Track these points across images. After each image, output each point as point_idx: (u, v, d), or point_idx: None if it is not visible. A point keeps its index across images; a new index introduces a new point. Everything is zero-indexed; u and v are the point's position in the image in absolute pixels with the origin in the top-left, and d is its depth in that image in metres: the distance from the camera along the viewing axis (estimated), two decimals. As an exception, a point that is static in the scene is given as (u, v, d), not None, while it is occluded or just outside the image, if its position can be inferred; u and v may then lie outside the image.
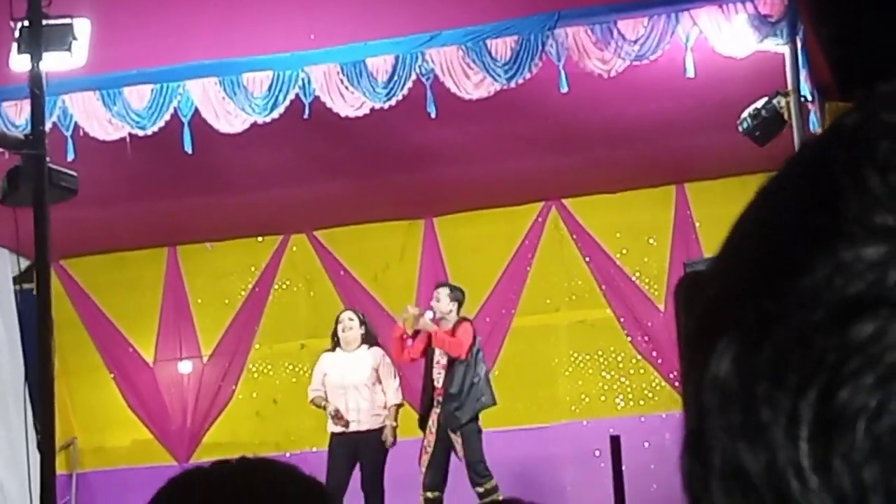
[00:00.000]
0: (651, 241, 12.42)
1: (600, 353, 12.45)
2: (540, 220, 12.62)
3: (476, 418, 10.30)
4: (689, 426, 0.59)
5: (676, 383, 12.02)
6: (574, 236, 12.54)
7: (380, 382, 10.49)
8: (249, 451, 11.48)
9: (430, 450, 10.34)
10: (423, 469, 10.36)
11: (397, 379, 10.57)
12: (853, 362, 0.53)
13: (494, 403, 10.38)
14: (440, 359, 10.41)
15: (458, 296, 10.66)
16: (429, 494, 10.31)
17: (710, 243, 11.85)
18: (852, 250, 0.54)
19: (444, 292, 10.64)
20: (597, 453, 11.62)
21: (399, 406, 10.54)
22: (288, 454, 11.89)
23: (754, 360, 0.56)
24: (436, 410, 10.36)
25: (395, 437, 10.46)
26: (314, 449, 11.41)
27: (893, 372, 0.52)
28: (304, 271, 12.96)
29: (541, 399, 11.84)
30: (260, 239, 13.00)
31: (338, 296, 12.63)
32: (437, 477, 10.32)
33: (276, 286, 13.00)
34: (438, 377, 10.33)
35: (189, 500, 1.83)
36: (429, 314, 10.50)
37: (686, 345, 0.60)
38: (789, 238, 0.56)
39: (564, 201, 12.55)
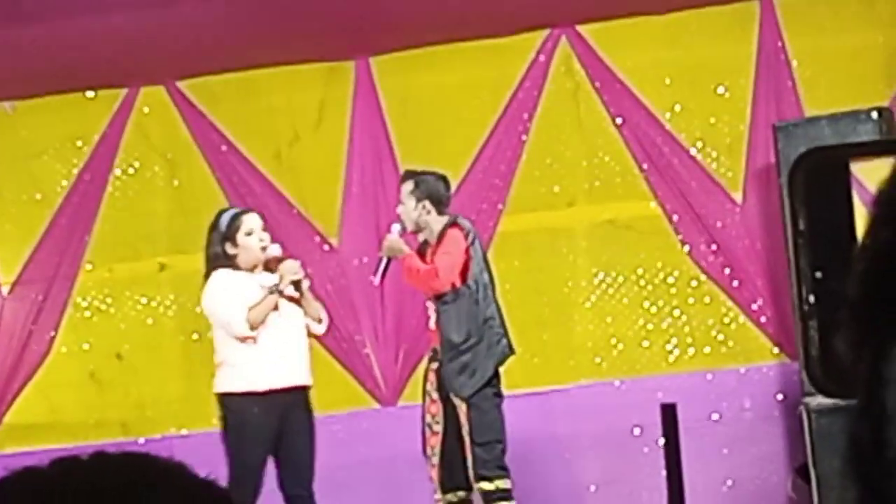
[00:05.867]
0: (721, 90, 9.93)
1: (640, 272, 10.07)
2: (541, 58, 10.05)
3: (496, 375, 8.44)
4: (864, 426, 0.64)
5: (762, 318, 9.68)
6: (596, 84, 10.05)
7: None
8: (80, 435, 10.07)
9: (437, 428, 8.49)
10: (434, 459, 8.50)
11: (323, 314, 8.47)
12: None
13: (513, 352, 8.55)
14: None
15: (427, 189, 8.68)
16: (451, 497, 8.41)
17: (813, 93, 9.62)
18: None
19: (405, 189, 8.71)
20: (636, 432, 9.58)
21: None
22: (142, 440, 10.10)
23: None
24: (432, 367, 8.56)
25: None
26: (184, 431, 9.57)
27: None
28: (163, 146, 10.54)
29: (547, 346, 9.69)
30: (90, 94, 10.47)
31: (217, 185, 10.32)
32: (457, 470, 8.41)
33: (117, 171, 10.53)
34: (431, 317, 8.62)
35: None
36: (395, 228, 8.69)
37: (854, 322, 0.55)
38: None
39: (580, 28, 10.01)
